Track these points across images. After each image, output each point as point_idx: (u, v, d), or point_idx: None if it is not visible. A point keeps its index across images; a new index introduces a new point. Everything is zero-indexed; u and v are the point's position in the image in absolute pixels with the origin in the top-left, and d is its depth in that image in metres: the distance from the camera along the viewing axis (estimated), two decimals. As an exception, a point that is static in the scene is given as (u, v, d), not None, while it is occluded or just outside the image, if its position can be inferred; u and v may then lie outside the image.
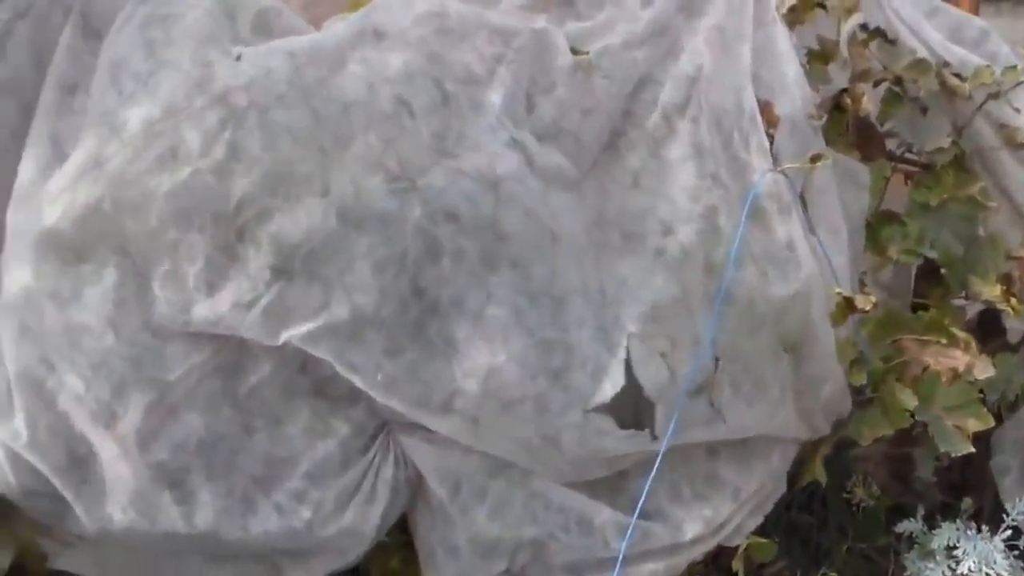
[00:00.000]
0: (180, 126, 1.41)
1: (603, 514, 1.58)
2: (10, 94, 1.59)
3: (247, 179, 1.41)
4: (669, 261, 1.58)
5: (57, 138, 1.56)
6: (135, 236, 1.45)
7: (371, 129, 1.45)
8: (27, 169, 1.52)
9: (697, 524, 1.61)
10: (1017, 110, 1.88)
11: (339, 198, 1.41)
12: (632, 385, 1.57)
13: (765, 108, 1.67)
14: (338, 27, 1.53)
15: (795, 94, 1.70)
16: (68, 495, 1.49)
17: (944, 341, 1.72)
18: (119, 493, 1.49)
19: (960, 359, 1.70)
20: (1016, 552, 1.81)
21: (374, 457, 1.53)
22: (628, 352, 1.54)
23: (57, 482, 1.49)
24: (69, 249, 1.43)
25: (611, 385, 1.50)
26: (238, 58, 1.46)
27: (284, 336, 1.42)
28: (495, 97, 1.53)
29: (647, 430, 1.55)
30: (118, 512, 1.50)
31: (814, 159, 1.65)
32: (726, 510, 1.63)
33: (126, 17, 1.56)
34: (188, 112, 1.42)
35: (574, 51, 1.63)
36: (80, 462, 1.50)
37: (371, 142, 1.45)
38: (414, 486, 1.57)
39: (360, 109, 1.46)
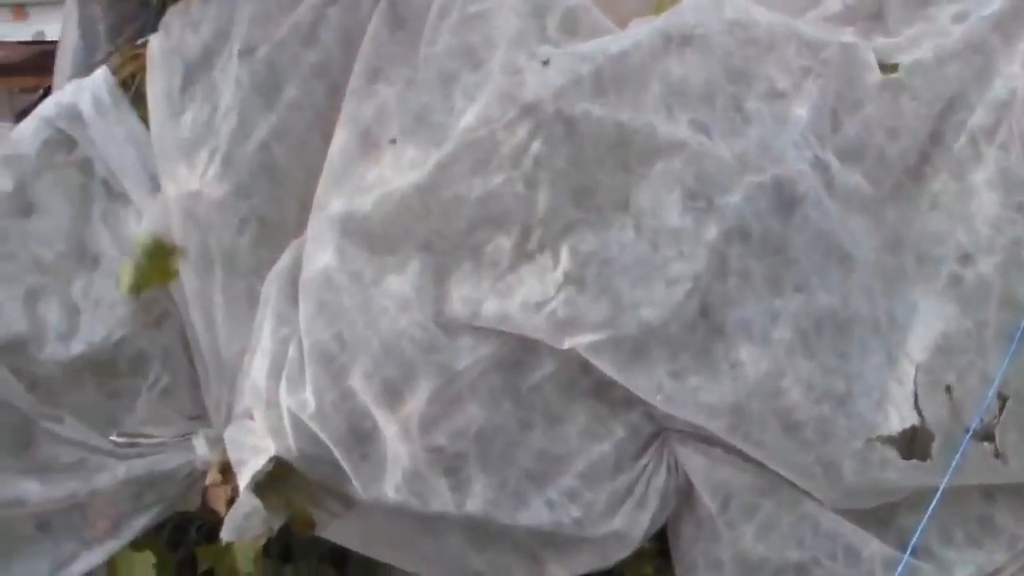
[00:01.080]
0: (495, 135, 1.52)
1: (871, 546, 1.60)
2: (320, 76, 1.72)
3: (554, 190, 1.52)
4: (965, 291, 1.57)
5: (360, 120, 1.69)
6: (442, 234, 1.58)
7: (672, 149, 1.51)
8: (336, 150, 1.67)
9: (968, 569, 1.61)
10: None
11: (638, 213, 1.48)
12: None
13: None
14: (643, 31, 1.57)
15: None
16: (347, 467, 1.65)
17: None
18: (395, 471, 1.62)
19: None
20: None
21: (647, 463, 1.61)
22: (916, 383, 1.47)
23: (338, 453, 1.63)
24: (377, 238, 1.55)
25: (898, 417, 1.52)
26: (545, 62, 1.47)
27: (569, 343, 1.53)
28: (801, 111, 1.55)
29: (928, 462, 1.49)
30: (392, 490, 1.63)
31: None
32: (1000, 558, 1.60)
33: (439, 14, 1.60)
34: (502, 122, 1.51)
35: (882, 65, 1.57)
36: (362, 437, 1.63)
37: (672, 161, 1.51)
38: (683, 496, 1.61)
39: (665, 130, 1.53)
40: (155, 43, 1.85)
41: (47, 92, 6.61)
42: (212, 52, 1.81)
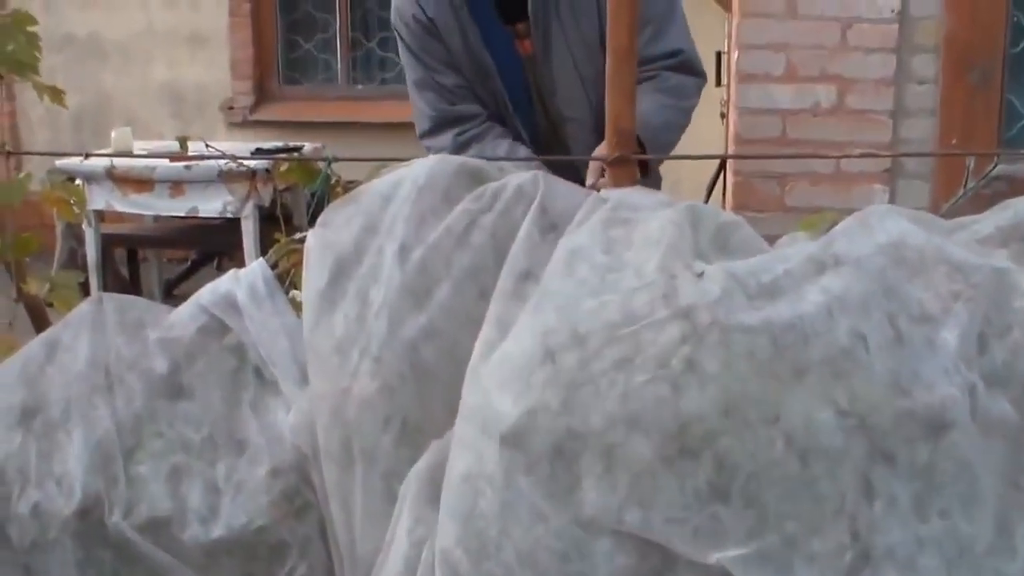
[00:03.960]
0: (640, 334, 1.50)
1: None
2: (471, 279, 1.76)
3: (700, 396, 1.48)
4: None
5: (504, 322, 1.71)
6: (576, 433, 1.55)
7: (827, 363, 1.48)
8: (477, 352, 1.69)
9: None
10: None
11: (788, 427, 1.46)
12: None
13: None
14: (795, 256, 1.55)
15: None
16: None
17: None
18: None
19: None
20: None
21: None
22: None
23: None
24: (512, 438, 1.50)
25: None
26: (700, 275, 1.50)
27: (714, 557, 1.50)
28: (950, 336, 1.54)
29: None
30: None
31: None
32: None
33: (587, 213, 1.65)
34: (650, 321, 1.49)
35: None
36: None
37: (825, 375, 1.46)
38: None
39: (819, 340, 1.52)
40: (311, 239, 1.93)
41: (195, 265, 6.93)
42: (362, 249, 1.87)
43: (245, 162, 5.12)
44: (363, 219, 1.89)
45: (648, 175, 2.56)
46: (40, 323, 2.42)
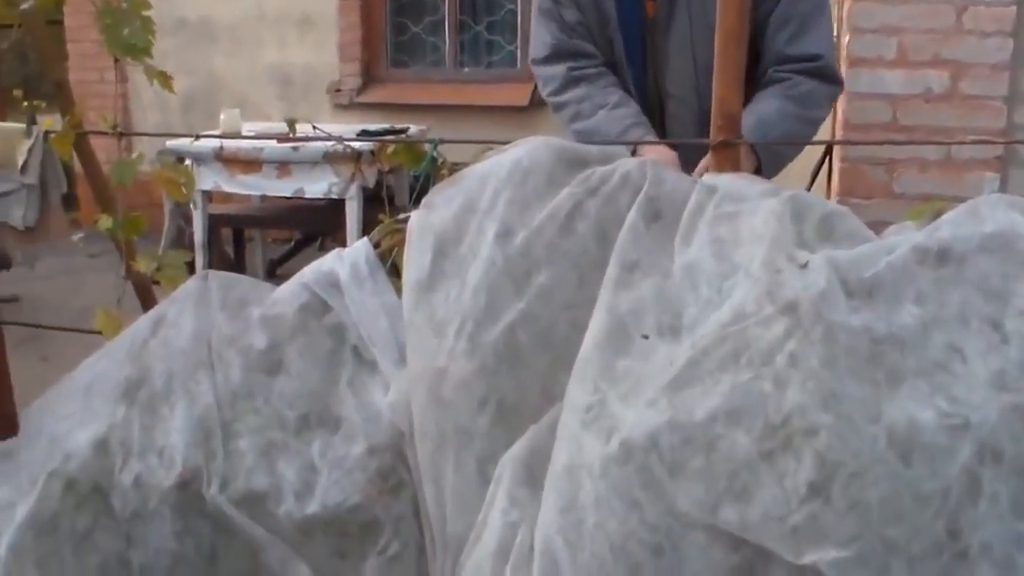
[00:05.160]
0: (747, 331, 1.47)
1: None
2: (573, 266, 1.73)
3: (802, 390, 1.45)
4: None
5: (615, 311, 1.69)
6: (678, 426, 1.55)
7: (922, 374, 1.49)
8: (590, 341, 1.67)
9: None
10: None
11: (890, 425, 1.45)
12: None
13: None
14: (900, 244, 1.51)
15: None
16: None
17: None
18: None
19: None
20: None
21: None
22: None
23: None
24: (611, 430, 1.49)
25: None
26: (804, 266, 1.47)
27: (809, 558, 1.48)
28: None
29: None
30: None
31: None
32: None
33: (695, 211, 1.63)
34: (756, 318, 1.47)
35: None
36: None
37: (921, 385, 1.48)
38: None
39: (913, 353, 1.50)
40: (414, 219, 1.94)
41: (298, 245, 7.01)
42: (462, 229, 1.87)
43: (350, 144, 5.17)
44: (464, 200, 1.89)
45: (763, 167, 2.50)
46: (147, 301, 2.46)
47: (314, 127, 2.60)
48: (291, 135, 2.63)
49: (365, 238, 2.04)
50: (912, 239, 1.60)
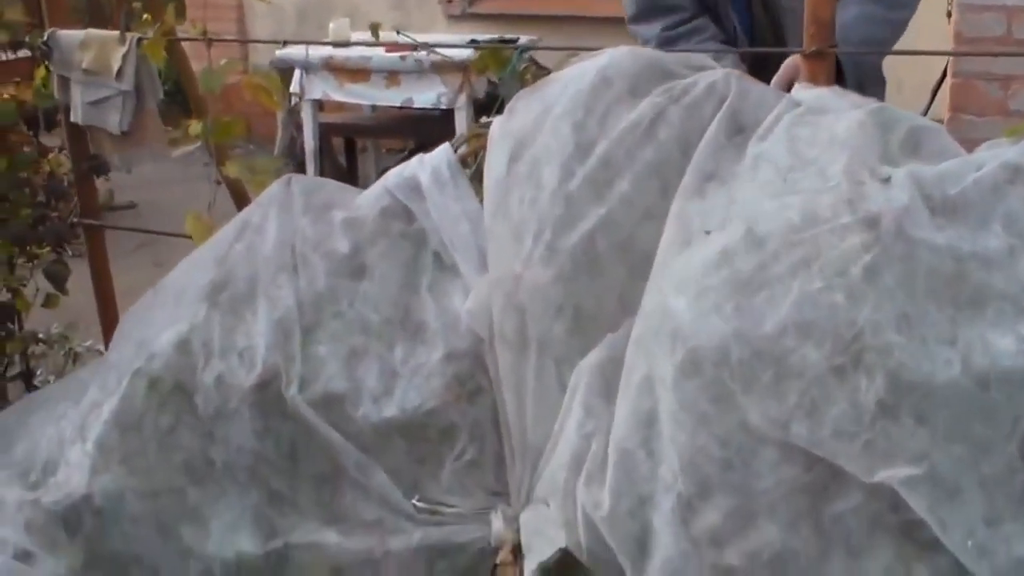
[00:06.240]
0: (819, 238, 1.43)
1: None
2: (655, 175, 1.71)
3: (876, 307, 1.43)
4: None
5: (685, 218, 1.68)
6: (746, 338, 1.52)
7: (1008, 297, 1.44)
8: (661, 249, 1.66)
9: None
10: None
11: (966, 351, 1.43)
12: None
13: None
14: (991, 161, 1.46)
15: None
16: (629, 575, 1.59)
17: None
18: None
19: None
20: None
21: None
22: None
23: (622, 561, 1.61)
24: (680, 339, 1.46)
25: None
26: (887, 179, 1.42)
27: (880, 476, 1.45)
28: None
29: None
30: None
31: None
32: None
33: (775, 119, 1.59)
34: (831, 226, 1.43)
35: None
36: (645, 549, 1.59)
37: (1006, 308, 1.43)
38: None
39: (1001, 274, 1.46)
40: (495, 126, 1.93)
41: (411, 153, 7.03)
42: (537, 129, 1.85)
43: (458, 54, 5.14)
44: (543, 105, 1.86)
45: (844, 82, 2.39)
46: (242, 206, 2.49)
47: (412, 39, 2.58)
48: (396, 43, 2.61)
49: (447, 144, 2.03)
50: (1003, 156, 1.54)
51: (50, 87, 2.73)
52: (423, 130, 6.73)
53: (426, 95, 5.81)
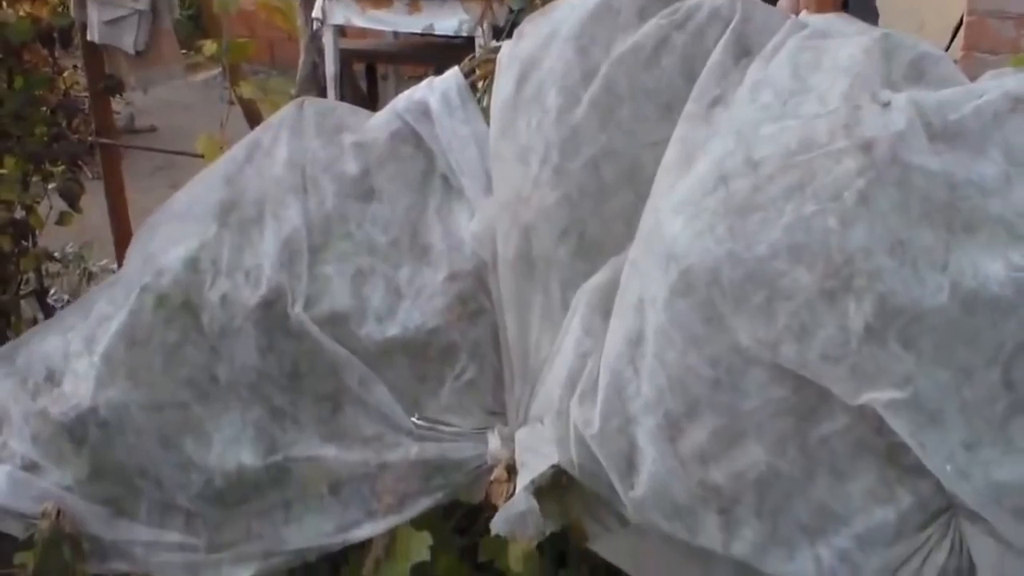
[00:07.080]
0: (814, 162, 1.45)
1: None
2: (658, 101, 1.75)
3: (868, 232, 1.45)
4: None
5: (689, 142, 1.69)
6: (738, 260, 1.53)
7: (1001, 222, 1.45)
8: (661, 171, 1.68)
9: None
10: None
11: (956, 276, 1.44)
12: None
13: None
14: (992, 89, 1.47)
15: None
16: (620, 491, 1.66)
17: None
18: (666, 504, 1.62)
19: None
20: None
21: (930, 536, 1.54)
22: None
23: (612, 477, 1.66)
24: (673, 259, 1.49)
25: None
26: (886, 104, 1.44)
27: (865, 398, 1.48)
28: None
29: None
30: (663, 520, 1.63)
31: None
32: None
33: (778, 43, 1.60)
34: (827, 150, 1.44)
35: None
36: (634, 467, 1.63)
37: (999, 233, 1.45)
38: (960, 579, 1.51)
39: (995, 200, 1.47)
40: (504, 50, 1.94)
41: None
42: (544, 52, 1.87)
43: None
44: (549, 27, 1.88)
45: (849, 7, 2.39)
46: (255, 126, 2.52)
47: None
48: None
49: (456, 67, 2.05)
50: (1004, 85, 1.55)
51: (67, 5, 2.75)
52: (443, 57, 6.71)
53: (448, 22, 5.81)
